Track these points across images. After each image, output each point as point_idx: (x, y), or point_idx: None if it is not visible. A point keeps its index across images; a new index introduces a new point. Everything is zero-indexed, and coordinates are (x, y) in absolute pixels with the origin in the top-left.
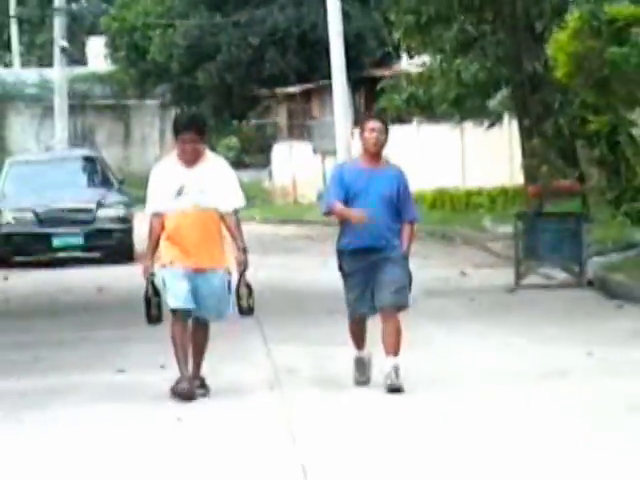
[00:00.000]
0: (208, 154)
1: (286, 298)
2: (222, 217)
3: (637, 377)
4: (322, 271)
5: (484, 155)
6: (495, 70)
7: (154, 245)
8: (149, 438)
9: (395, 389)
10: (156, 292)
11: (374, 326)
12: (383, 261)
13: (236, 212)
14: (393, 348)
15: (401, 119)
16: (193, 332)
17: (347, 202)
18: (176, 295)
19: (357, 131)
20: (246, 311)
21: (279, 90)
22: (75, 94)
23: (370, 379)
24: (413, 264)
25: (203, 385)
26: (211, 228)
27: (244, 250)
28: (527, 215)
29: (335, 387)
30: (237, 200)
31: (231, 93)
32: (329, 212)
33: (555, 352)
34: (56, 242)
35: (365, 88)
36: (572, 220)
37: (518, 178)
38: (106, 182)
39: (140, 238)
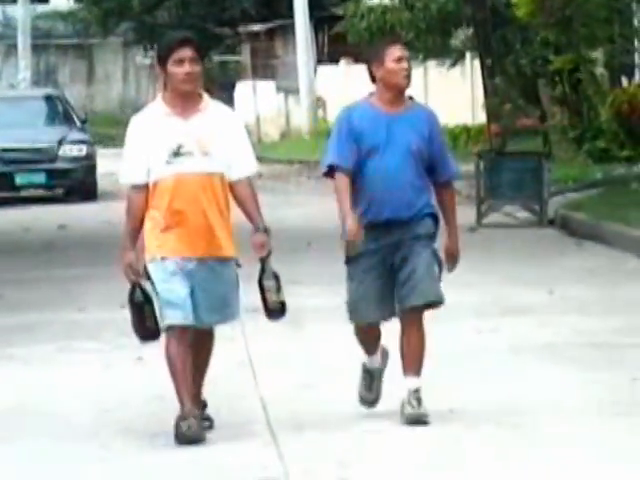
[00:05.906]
0: (207, 99)
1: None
2: (230, 187)
3: (599, 315)
4: (285, 209)
5: (446, 94)
6: (459, 6)
7: (136, 229)
8: (109, 377)
9: (415, 420)
10: (147, 298)
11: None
12: (408, 243)
13: (250, 180)
14: (416, 365)
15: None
16: (195, 343)
17: (360, 161)
18: (172, 305)
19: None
20: (277, 308)
21: (242, 29)
22: (38, 32)
23: (379, 398)
24: None
25: (204, 407)
26: (219, 203)
27: (265, 230)
28: (489, 154)
29: (298, 323)
30: (251, 165)
31: (192, 31)
32: (329, 174)
33: (516, 290)
34: (19, 180)
35: (328, 27)
36: (534, 159)
37: (480, 117)
38: (68, 120)
39: (104, 176)
